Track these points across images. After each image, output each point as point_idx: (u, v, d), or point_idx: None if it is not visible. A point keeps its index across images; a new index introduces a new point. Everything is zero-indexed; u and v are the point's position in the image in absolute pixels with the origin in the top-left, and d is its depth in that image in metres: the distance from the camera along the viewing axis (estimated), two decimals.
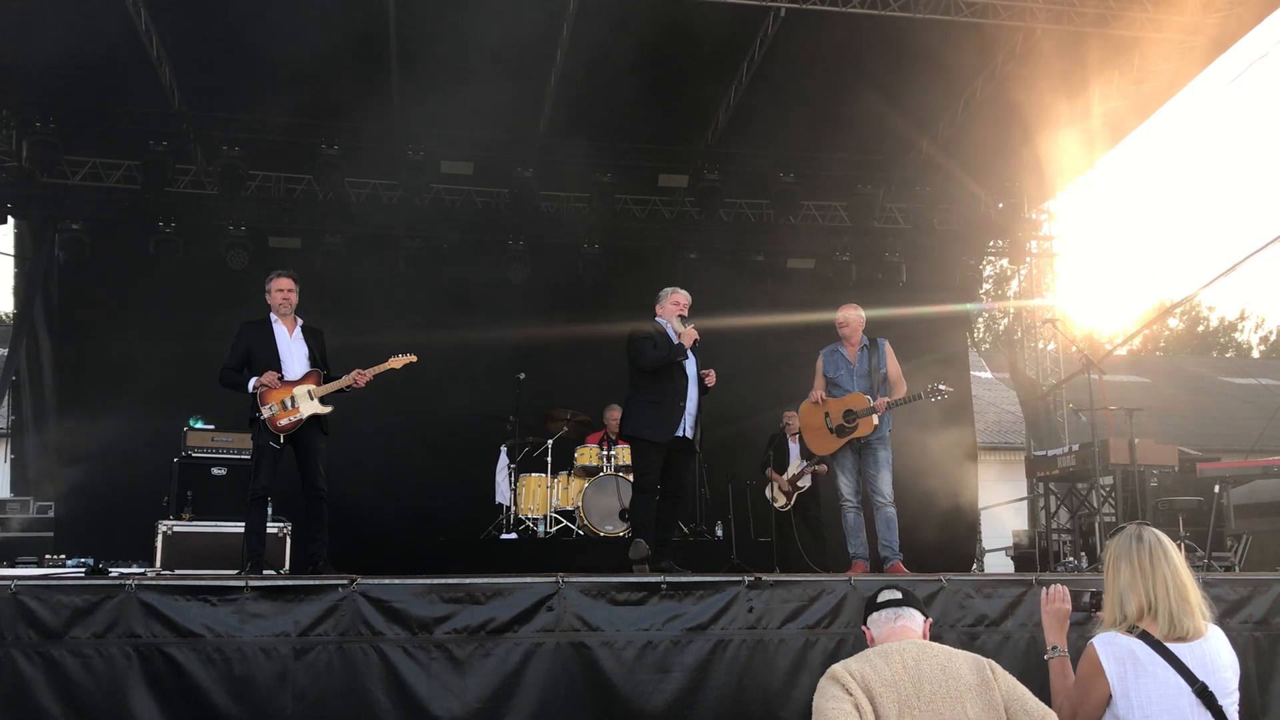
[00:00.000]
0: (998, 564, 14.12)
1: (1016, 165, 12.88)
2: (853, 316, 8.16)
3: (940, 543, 12.00)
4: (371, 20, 10.36)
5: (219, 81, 11.27)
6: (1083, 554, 9.54)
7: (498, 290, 12.71)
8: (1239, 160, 57.70)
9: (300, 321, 7.49)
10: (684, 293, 7.74)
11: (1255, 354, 38.94)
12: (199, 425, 9.72)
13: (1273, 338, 40.31)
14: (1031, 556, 11.16)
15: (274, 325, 7.38)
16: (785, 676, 5.89)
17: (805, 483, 10.94)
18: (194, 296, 11.74)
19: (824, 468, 10.99)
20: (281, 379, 7.19)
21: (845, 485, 8.08)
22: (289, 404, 7.14)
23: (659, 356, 7.33)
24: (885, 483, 7.95)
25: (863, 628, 3.66)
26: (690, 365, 7.45)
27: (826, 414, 8.05)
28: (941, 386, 7.87)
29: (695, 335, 7.44)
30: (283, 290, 7.38)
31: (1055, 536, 10.73)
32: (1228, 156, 58.61)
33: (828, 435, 8.04)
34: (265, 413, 7.09)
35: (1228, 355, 37.36)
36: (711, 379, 7.45)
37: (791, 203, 12.99)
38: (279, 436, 7.12)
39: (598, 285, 12.67)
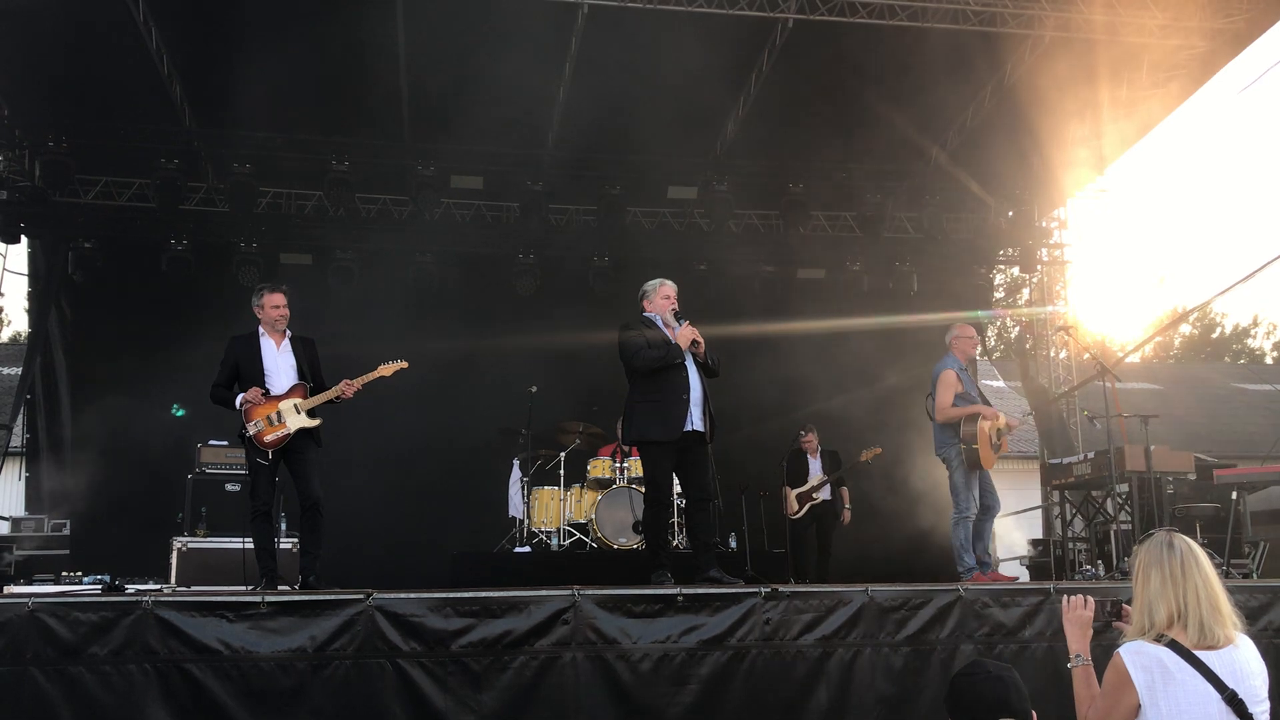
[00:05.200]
0: (1012, 573, 14.03)
1: (1027, 173, 12.87)
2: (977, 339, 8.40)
3: (950, 552, 11.92)
4: (381, 36, 10.39)
5: (229, 99, 11.28)
6: (1099, 562, 9.51)
7: (508, 303, 12.76)
8: (1251, 167, 57.63)
9: (289, 333, 7.38)
10: (671, 284, 7.40)
11: (1269, 360, 38.75)
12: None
13: None
14: (1046, 565, 11.10)
15: (261, 339, 7.29)
16: (802, 688, 5.88)
17: (819, 496, 10.96)
18: (207, 313, 11.74)
19: (837, 476, 11.02)
20: (267, 394, 7.11)
21: (972, 499, 8.11)
22: (275, 419, 7.05)
23: (656, 357, 7.06)
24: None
25: None
26: (688, 357, 7.14)
27: (988, 430, 8.12)
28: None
29: (692, 335, 7.07)
30: (278, 307, 7.28)
31: (1071, 545, 10.68)
32: (1240, 163, 58.55)
33: (990, 451, 8.13)
34: (251, 429, 7.02)
35: (1240, 361, 37.19)
36: (700, 347, 7.09)
37: (801, 213, 12.95)
38: (267, 452, 7.05)
39: (608, 297, 12.65)
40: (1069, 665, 3.79)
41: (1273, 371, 29.72)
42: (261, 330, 7.31)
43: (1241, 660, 3.49)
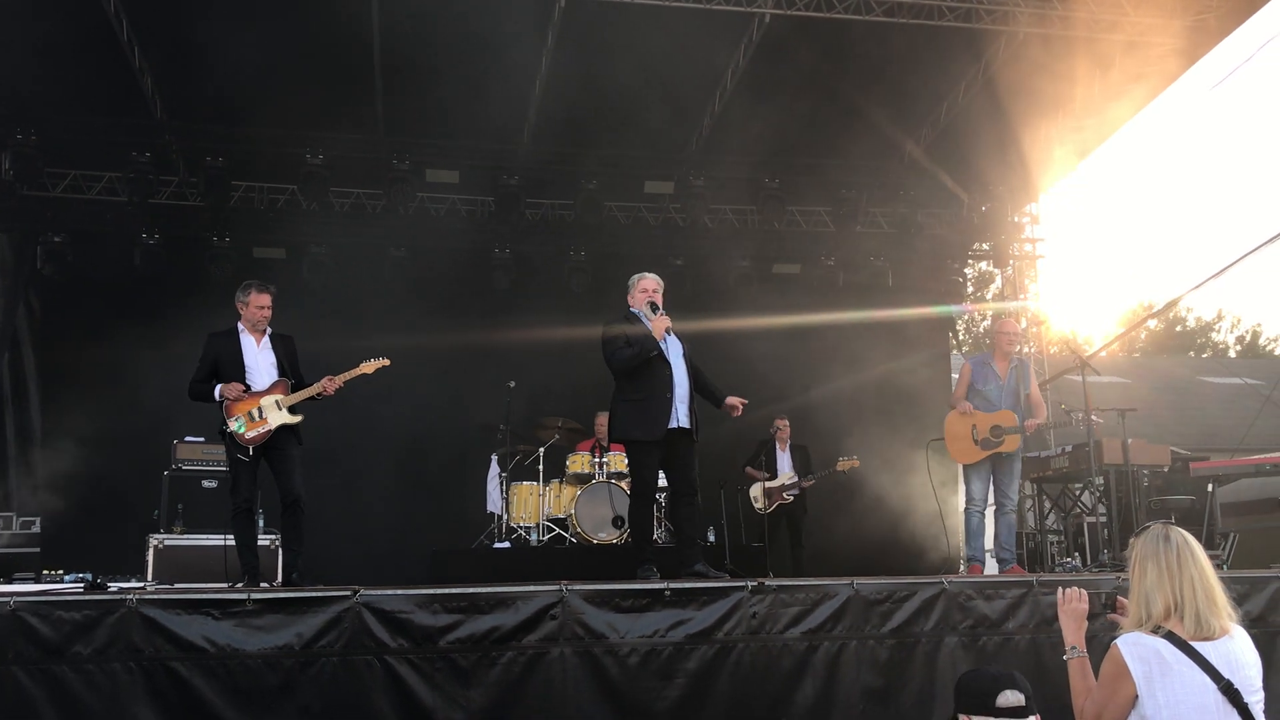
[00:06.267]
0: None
1: (1001, 168, 12.95)
2: (1019, 333, 8.49)
3: (922, 546, 12.00)
4: (355, 29, 10.32)
5: (202, 92, 11.19)
6: (1075, 554, 9.60)
7: (485, 298, 12.70)
8: (1221, 163, 58.47)
9: (269, 330, 7.37)
10: (652, 277, 7.40)
11: (1232, 353, 39.29)
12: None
13: (1249, 338, 40.73)
14: (1021, 557, 11.19)
15: (241, 335, 7.26)
16: (788, 681, 5.88)
17: (789, 496, 11.00)
18: (179, 308, 11.59)
19: (811, 481, 11.07)
20: (249, 390, 7.08)
21: (978, 490, 8.39)
22: (256, 415, 7.02)
23: (632, 355, 7.03)
24: (1015, 490, 8.47)
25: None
26: (674, 351, 7.16)
27: (974, 425, 8.31)
28: (1095, 418, 8.72)
29: (667, 323, 7.10)
30: (263, 307, 7.26)
31: (1049, 538, 10.78)
32: (1210, 159, 59.39)
33: (971, 446, 8.31)
34: (232, 425, 6.99)
35: (1204, 355, 37.67)
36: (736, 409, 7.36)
37: (777, 208, 12.99)
38: (248, 449, 7.00)
39: (585, 292, 12.64)
40: (1064, 658, 3.82)
41: (1237, 365, 30.07)
42: (241, 327, 7.26)
43: (1237, 651, 3.54)
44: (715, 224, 13.40)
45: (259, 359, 7.22)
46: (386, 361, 7.44)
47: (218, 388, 7.03)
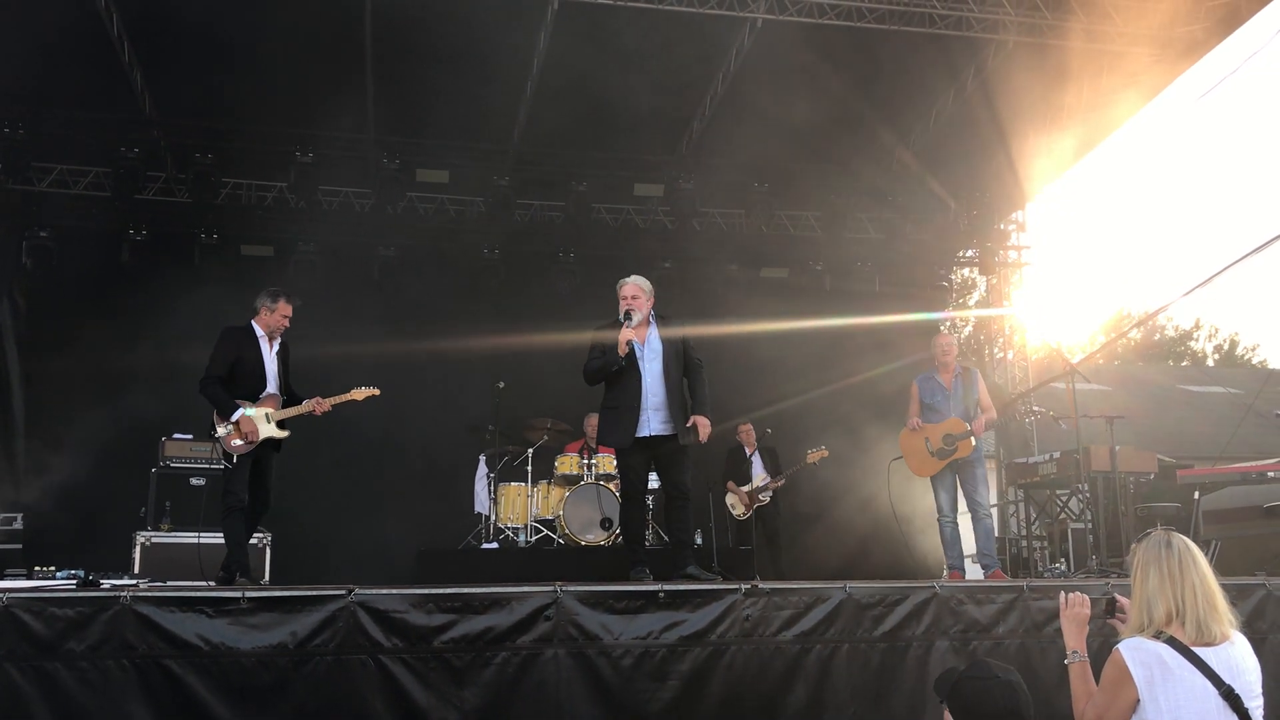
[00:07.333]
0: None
1: (989, 174, 13.03)
2: (954, 345, 8.70)
3: (903, 549, 12.02)
4: (347, 27, 10.30)
5: (191, 88, 11.16)
6: (1061, 560, 9.64)
7: (473, 299, 12.68)
8: (1207, 172, 58.89)
9: (279, 339, 7.42)
10: (631, 283, 7.23)
11: (1210, 362, 39.55)
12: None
13: (1226, 347, 41.03)
14: (1004, 563, 11.24)
15: (260, 340, 7.28)
16: (781, 684, 5.89)
17: (765, 497, 11.02)
18: (165, 305, 11.49)
19: (781, 480, 11.11)
20: (263, 394, 7.15)
21: (945, 501, 8.58)
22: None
23: (597, 368, 7.09)
24: (984, 495, 8.56)
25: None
26: (649, 359, 7.12)
27: (926, 439, 8.50)
28: (1037, 409, 8.41)
29: (629, 335, 6.99)
30: (288, 317, 7.31)
31: (1033, 543, 10.83)
32: (1197, 169, 59.81)
33: (929, 458, 8.51)
34: (220, 431, 7.00)
35: (1183, 364, 37.92)
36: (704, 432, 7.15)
37: (765, 212, 13.04)
38: (233, 456, 7.01)
39: (573, 294, 12.64)
40: (1065, 661, 3.85)
41: (1216, 374, 30.29)
42: (257, 330, 7.24)
43: (1237, 657, 3.57)
44: (704, 227, 13.43)
45: (272, 365, 7.30)
46: (376, 391, 7.55)
47: (239, 412, 6.97)
